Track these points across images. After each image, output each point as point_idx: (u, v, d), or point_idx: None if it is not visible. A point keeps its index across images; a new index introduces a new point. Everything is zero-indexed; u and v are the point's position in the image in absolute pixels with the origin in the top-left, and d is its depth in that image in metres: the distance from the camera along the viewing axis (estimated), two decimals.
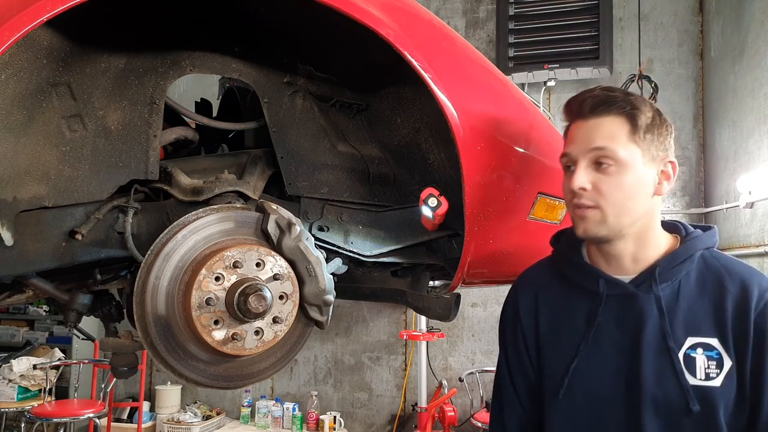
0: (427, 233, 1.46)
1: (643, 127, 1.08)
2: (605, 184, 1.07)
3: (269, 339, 1.12)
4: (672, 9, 4.25)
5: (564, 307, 1.19)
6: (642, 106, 1.10)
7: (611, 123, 1.09)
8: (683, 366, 1.07)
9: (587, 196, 1.09)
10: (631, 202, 1.08)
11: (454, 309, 1.51)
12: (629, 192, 1.08)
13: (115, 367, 1.43)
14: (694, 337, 1.08)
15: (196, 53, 1.34)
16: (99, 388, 4.29)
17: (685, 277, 1.11)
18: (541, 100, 4.39)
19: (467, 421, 4.12)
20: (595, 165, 1.09)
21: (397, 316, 4.67)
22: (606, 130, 1.08)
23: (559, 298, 1.21)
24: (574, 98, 1.14)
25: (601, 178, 1.08)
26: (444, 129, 1.26)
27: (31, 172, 1.18)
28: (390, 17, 1.19)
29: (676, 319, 1.09)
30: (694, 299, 1.10)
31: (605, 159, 1.07)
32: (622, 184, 1.07)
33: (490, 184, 1.29)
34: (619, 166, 1.07)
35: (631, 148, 1.08)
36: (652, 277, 1.11)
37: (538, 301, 1.23)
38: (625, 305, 1.12)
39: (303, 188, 1.43)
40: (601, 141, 1.08)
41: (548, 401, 1.18)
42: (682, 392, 1.06)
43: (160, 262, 1.08)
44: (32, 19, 0.91)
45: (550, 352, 1.19)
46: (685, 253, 1.12)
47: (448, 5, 4.73)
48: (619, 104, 1.09)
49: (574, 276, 1.19)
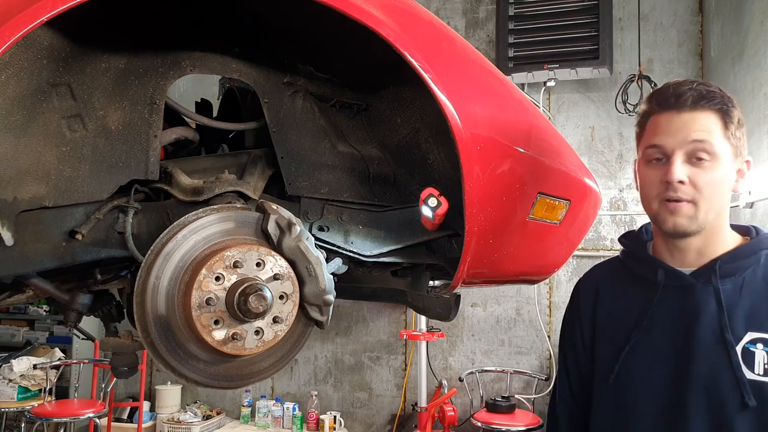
0: (427, 233, 1.46)
1: (734, 124, 1.09)
2: (701, 179, 1.06)
3: (269, 339, 1.12)
4: (672, 9, 4.25)
5: (622, 297, 1.21)
6: (733, 104, 1.10)
7: (707, 117, 1.08)
8: (740, 360, 1.05)
9: (684, 190, 1.07)
10: (719, 198, 1.09)
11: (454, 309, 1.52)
12: (720, 188, 1.09)
13: (116, 366, 1.43)
14: (755, 332, 1.06)
15: (196, 53, 1.34)
16: (99, 388, 4.29)
17: (750, 273, 1.10)
18: (541, 100, 4.39)
19: (467, 421, 4.12)
20: (690, 159, 1.07)
21: (397, 316, 4.67)
22: (704, 123, 1.08)
23: (619, 289, 1.22)
24: (668, 89, 1.12)
25: (697, 172, 1.07)
26: (444, 129, 1.26)
27: (32, 172, 1.18)
28: (390, 17, 1.19)
29: (737, 313, 1.08)
30: (759, 296, 1.08)
31: (703, 153, 1.06)
32: (715, 179, 1.07)
33: (490, 184, 1.29)
34: (714, 161, 1.07)
35: (724, 143, 1.08)
36: (712, 270, 1.10)
37: (599, 293, 1.25)
38: (682, 297, 1.12)
39: (303, 188, 1.43)
40: (701, 134, 1.07)
41: (597, 387, 1.19)
42: (737, 386, 1.04)
43: (161, 262, 1.08)
44: (32, 20, 0.91)
45: (604, 340, 1.20)
46: (751, 250, 1.11)
47: (448, 5, 4.73)
48: (717, 100, 1.09)
49: (636, 267, 1.21)
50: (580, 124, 4.40)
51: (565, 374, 1.30)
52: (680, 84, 1.11)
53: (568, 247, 1.58)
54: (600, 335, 1.21)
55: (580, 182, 1.50)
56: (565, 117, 4.44)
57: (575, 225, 1.53)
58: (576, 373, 1.27)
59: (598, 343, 1.21)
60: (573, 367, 1.28)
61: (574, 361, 1.27)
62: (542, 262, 1.58)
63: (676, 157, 1.07)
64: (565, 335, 1.31)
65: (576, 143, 4.32)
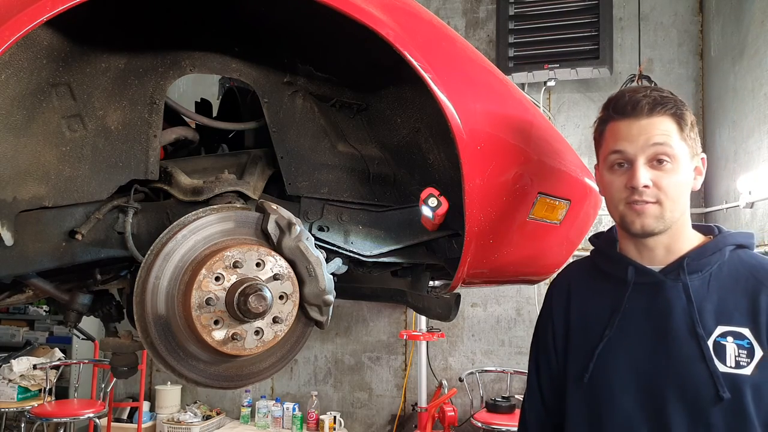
0: (427, 233, 1.46)
1: (688, 126, 1.14)
2: (665, 180, 1.11)
3: (269, 339, 1.12)
4: (672, 9, 4.25)
5: (594, 296, 1.23)
6: (686, 108, 1.16)
7: (664, 122, 1.13)
8: (713, 353, 1.08)
9: (649, 193, 1.12)
10: (683, 197, 1.14)
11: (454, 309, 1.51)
12: (682, 187, 1.13)
13: (115, 367, 1.43)
14: (724, 326, 1.09)
15: (196, 53, 1.34)
16: (99, 388, 4.29)
17: (717, 269, 1.14)
18: (541, 100, 4.39)
19: (467, 421, 4.12)
20: (652, 162, 1.12)
21: (397, 316, 4.67)
22: (662, 128, 1.13)
23: (591, 288, 1.25)
24: (624, 97, 1.16)
25: (659, 174, 1.11)
26: (444, 129, 1.26)
27: (31, 172, 1.18)
28: (390, 17, 1.19)
29: (706, 308, 1.11)
30: (726, 291, 1.12)
31: (664, 156, 1.11)
32: (677, 180, 1.12)
33: (490, 184, 1.29)
34: (674, 163, 1.12)
35: (682, 145, 1.13)
36: (680, 267, 1.13)
37: (570, 293, 1.27)
38: (653, 293, 1.15)
39: (303, 188, 1.43)
40: (660, 137, 1.12)
41: (571, 387, 1.20)
42: (711, 379, 1.07)
43: (160, 262, 1.08)
44: (32, 19, 0.91)
45: (577, 340, 1.22)
46: (715, 246, 1.15)
47: (448, 5, 4.73)
48: (671, 105, 1.13)
49: (606, 266, 1.24)
50: (581, 124, 4.40)
51: (535, 377, 1.31)
52: (636, 91, 1.16)
53: (569, 247, 1.58)
54: (573, 335, 1.23)
55: (581, 182, 1.50)
56: (565, 117, 4.44)
57: (575, 225, 1.53)
58: (547, 376, 1.28)
59: (571, 343, 1.23)
60: (544, 369, 1.29)
61: (545, 362, 1.29)
62: (542, 262, 1.57)
63: (639, 162, 1.12)
64: (536, 337, 1.33)
65: (576, 143, 4.32)
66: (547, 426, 1.28)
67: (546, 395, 1.28)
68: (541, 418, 1.29)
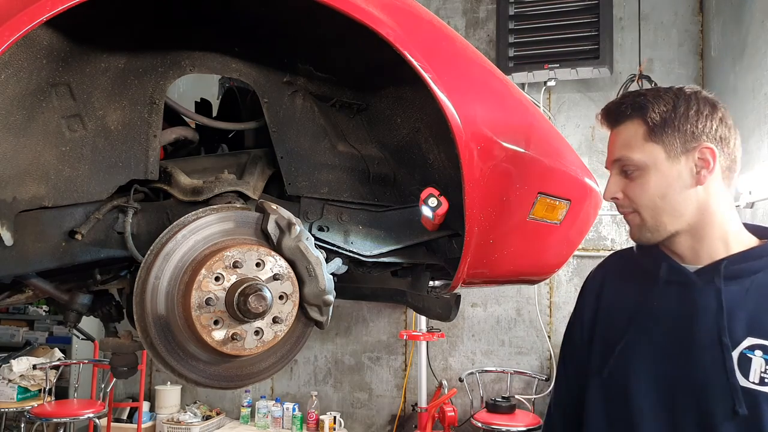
0: (427, 233, 1.46)
1: (658, 123, 1.07)
2: (631, 190, 1.10)
3: (269, 339, 1.12)
4: (672, 9, 4.25)
5: (624, 289, 1.20)
6: (653, 104, 1.08)
7: (626, 130, 1.11)
8: (736, 365, 1.01)
9: (622, 204, 1.12)
10: (663, 200, 1.08)
11: (454, 309, 1.51)
12: (657, 191, 1.08)
13: (115, 367, 1.43)
14: (755, 338, 1.01)
15: (196, 53, 1.33)
16: (99, 388, 4.29)
17: (762, 277, 1.05)
18: (541, 100, 4.39)
19: (467, 421, 4.12)
20: (623, 173, 1.12)
21: (397, 316, 4.67)
22: (623, 138, 1.12)
23: (624, 281, 1.21)
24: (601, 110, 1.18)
25: (627, 184, 1.11)
26: (444, 129, 1.26)
27: (31, 172, 1.18)
28: (390, 17, 1.18)
29: (738, 316, 1.03)
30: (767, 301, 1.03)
31: (627, 167, 1.10)
32: (645, 185, 1.09)
33: (490, 184, 1.28)
34: (641, 171, 1.09)
35: (649, 148, 1.08)
36: (716, 270, 1.07)
37: (604, 284, 1.25)
38: (683, 294, 1.09)
39: (303, 188, 1.43)
40: (618, 151, 1.12)
41: (590, 380, 1.17)
42: (729, 392, 1.00)
43: (160, 262, 1.08)
44: (32, 19, 0.91)
45: (601, 332, 1.19)
46: (762, 252, 1.07)
47: (448, 5, 4.73)
48: (625, 110, 1.11)
49: (643, 259, 1.19)
50: (581, 124, 4.40)
51: (563, 368, 1.29)
52: (608, 104, 1.16)
53: (569, 247, 1.58)
54: (598, 327, 1.20)
55: (581, 182, 1.50)
56: (565, 117, 4.44)
57: (576, 225, 1.52)
58: (573, 367, 1.26)
59: (596, 335, 1.20)
60: (570, 362, 1.27)
61: (571, 355, 1.27)
62: (542, 263, 1.57)
63: (611, 175, 1.14)
64: (567, 328, 1.31)
65: (576, 143, 4.32)
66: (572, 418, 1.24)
67: (572, 387, 1.25)
68: (567, 411, 1.26)
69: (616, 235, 4.28)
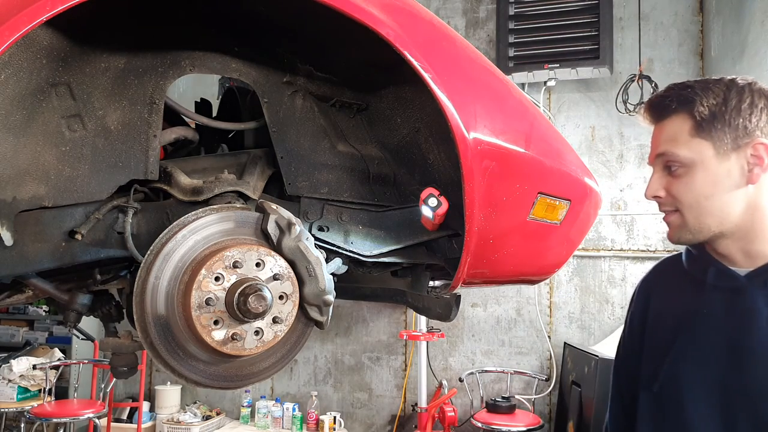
0: (427, 233, 1.46)
1: (706, 118, 1.01)
2: (675, 188, 1.04)
3: (269, 339, 1.12)
4: (672, 9, 4.25)
5: (672, 296, 1.15)
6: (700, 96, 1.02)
7: (672, 124, 1.05)
8: None
9: (665, 203, 1.07)
10: (709, 200, 1.02)
11: (454, 309, 1.51)
12: (703, 191, 1.02)
13: (115, 367, 1.43)
14: None
15: (195, 53, 1.33)
16: (99, 388, 4.29)
17: None
18: (541, 100, 4.39)
19: (467, 421, 4.12)
20: (667, 170, 1.06)
21: (397, 316, 4.67)
22: (667, 132, 1.05)
23: (672, 287, 1.16)
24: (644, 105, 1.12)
25: (671, 182, 1.05)
26: (444, 129, 1.26)
27: (31, 172, 1.18)
28: (390, 17, 1.18)
29: None
30: None
31: (671, 162, 1.04)
32: (692, 184, 1.02)
33: (490, 184, 1.28)
34: (687, 168, 1.02)
35: (696, 144, 1.02)
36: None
37: (652, 291, 1.20)
38: (733, 300, 1.04)
39: (303, 188, 1.42)
40: (662, 146, 1.05)
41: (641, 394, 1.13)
42: None
43: (160, 262, 1.08)
44: (32, 19, 0.91)
45: (650, 341, 1.15)
46: None
47: (448, 5, 4.73)
48: (670, 104, 1.04)
49: (690, 264, 1.14)
50: (581, 124, 4.40)
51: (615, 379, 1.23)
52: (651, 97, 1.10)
53: (569, 247, 1.58)
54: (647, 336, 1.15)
55: (581, 182, 1.50)
56: (565, 117, 4.44)
57: (576, 225, 1.52)
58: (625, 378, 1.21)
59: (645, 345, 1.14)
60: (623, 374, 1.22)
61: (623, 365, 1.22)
62: (542, 263, 1.57)
63: (654, 172, 1.08)
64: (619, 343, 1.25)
65: (576, 143, 4.32)
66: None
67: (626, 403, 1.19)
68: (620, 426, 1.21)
69: (616, 235, 4.28)
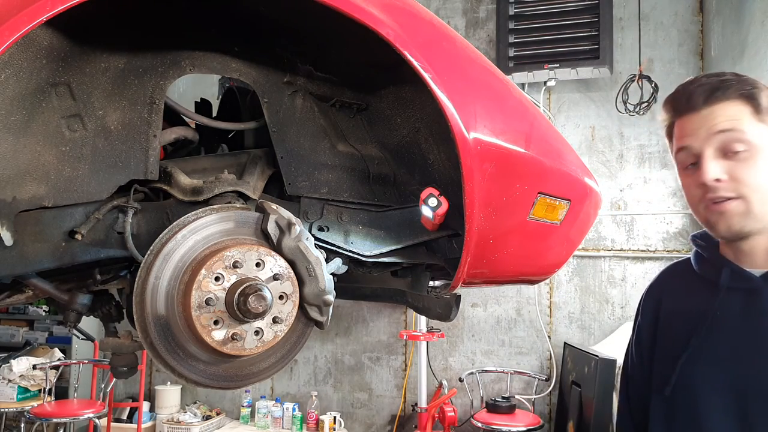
0: (427, 233, 1.46)
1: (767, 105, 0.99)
2: (742, 171, 0.96)
3: (269, 339, 1.12)
4: (672, 9, 4.25)
5: (684, 300, 1.11)
6: (756, 86, 1.00)
7: (729, 107, 0.99)
8: None
9: (725, 188, 0.97)
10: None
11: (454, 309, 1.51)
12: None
13: (115, 367, 1.43)
14: None
15: (195, 53, 1.33)
16: (99, 388, 4.29)
17: None
18: (541, 100, 4.39)
19: (467, 421, 4.12)
20: (722, 154, 0.98)
21: (397, 316, 4.67)
22: (726, 113, 0.98)
23: (683, 291, 1.13)
24: (679, 93, 1.06)
25: (734, 165, 0.97)
26: (444, 129, 1.26)
27: (31, 172, 1.18)
28: (390, 17, 1.18)
29: None
30: None
31: (734, 143, 0.97)
32: (758, 167, 0.96)
33: (490, 184, 1.28)
34: (752, 149, 0.97)
35: (760, 127, 0.98)
36: None
37: (662, 295, 1.17)
38: (749, 301, 1.01)
39: (303, 188, 1.43)
40: (725, 123, 0.98)
41: (654, 398, 1.11)
42: None
43: (160, 263, 1.08)
44: (32, 19, 0.91)
45: (663, 344, 1.12)
46: None
47: (448, 5, 4.73)
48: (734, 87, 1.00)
49: (701, 266, 1.11)
50: (581, 124, 4.40)
51: (624, 386, 1.22)
52: (690, 83, 1.05)
53: (569, 247, 1.58)
54: (659, 341, 1.13)
55: (581, 182, 1.50)
56: (565, 117, 4.44)
57: (576, 225, 1.52)
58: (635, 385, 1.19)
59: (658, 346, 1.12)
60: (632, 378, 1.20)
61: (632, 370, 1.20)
62: (542, 263, 1.57)
63: (706, 155, 0.99)
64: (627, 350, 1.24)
65: (576, 143, 4.32)
66: None
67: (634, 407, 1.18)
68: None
69: (616, 235, 4.28)
